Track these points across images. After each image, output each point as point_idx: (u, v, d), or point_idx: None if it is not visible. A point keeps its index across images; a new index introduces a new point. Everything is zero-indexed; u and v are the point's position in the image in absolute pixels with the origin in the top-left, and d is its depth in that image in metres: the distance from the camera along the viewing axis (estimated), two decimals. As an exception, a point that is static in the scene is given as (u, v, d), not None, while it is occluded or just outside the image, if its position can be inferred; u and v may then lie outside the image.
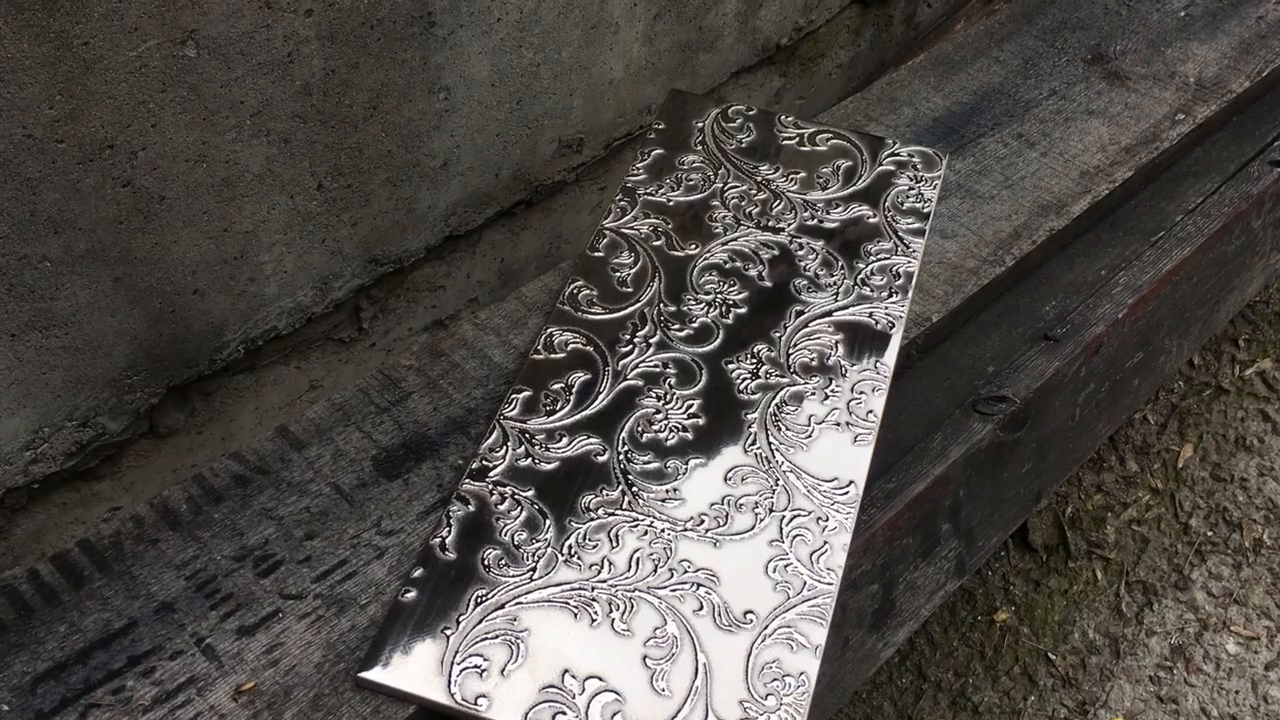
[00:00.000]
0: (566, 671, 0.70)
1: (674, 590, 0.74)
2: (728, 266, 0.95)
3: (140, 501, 0.80)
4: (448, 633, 0.71)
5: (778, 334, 0.90)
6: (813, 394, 0.87)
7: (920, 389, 0.93)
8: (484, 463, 0.80)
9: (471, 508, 0.78)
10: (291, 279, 1.13)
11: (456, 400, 0.86)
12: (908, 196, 1.02)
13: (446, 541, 0.76)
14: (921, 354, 0.96)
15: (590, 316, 0.91)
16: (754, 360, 0.88)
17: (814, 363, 0.89)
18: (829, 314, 0.92)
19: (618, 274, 0.94)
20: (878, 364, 0.89)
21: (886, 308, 0.93)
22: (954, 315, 0.96)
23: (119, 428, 1.10)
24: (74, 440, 1.07)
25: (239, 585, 0.74)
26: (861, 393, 0.87)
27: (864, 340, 0.90)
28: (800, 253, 0.97)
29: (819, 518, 0.79)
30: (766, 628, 0.73)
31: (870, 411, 0.86)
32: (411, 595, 0.73)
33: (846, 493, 0.81)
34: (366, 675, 0.70)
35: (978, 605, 1.49)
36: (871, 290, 0.94)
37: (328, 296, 1.19)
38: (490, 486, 0.79)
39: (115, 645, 0.71)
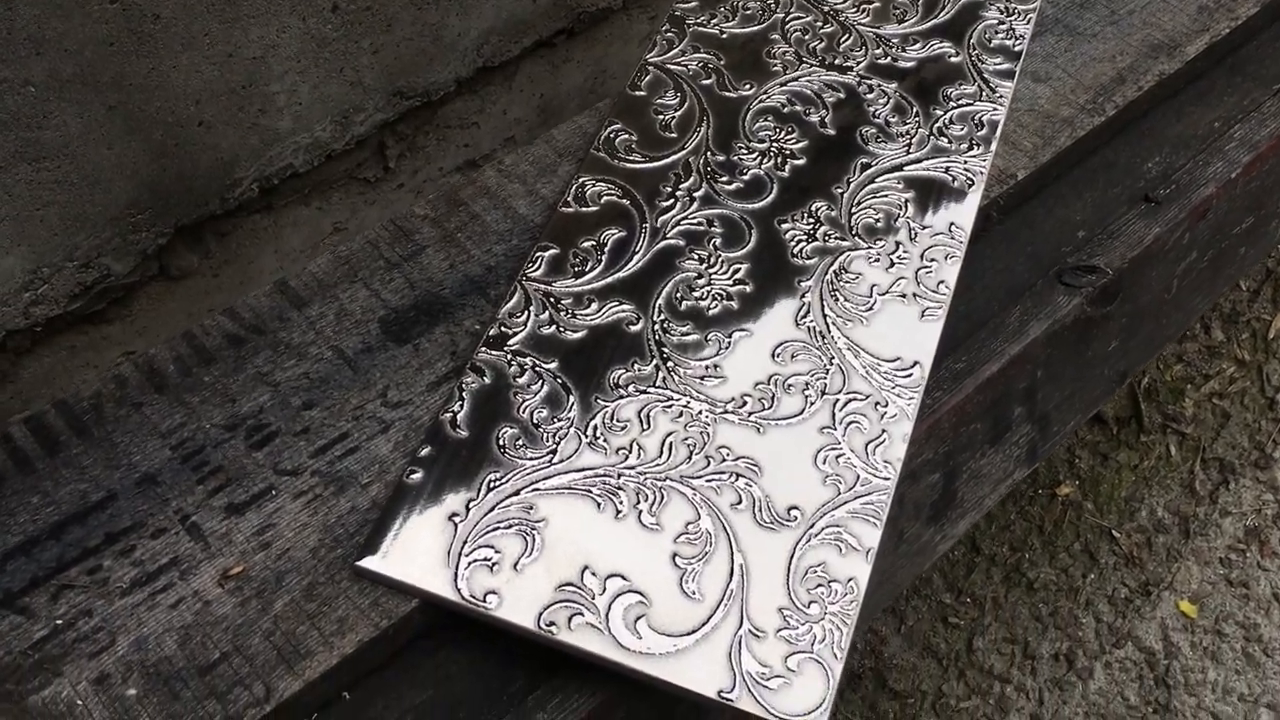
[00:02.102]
0: (586, 568, 0.63)
1: (710, 480, 0.66)
2: (786, 111, 0.84)
3: (156, 346, 0.72)
4: (456, 520, 0.64)
5: (840, 190, 0.80)
6: (876, 260, 0.76)
7: (999, 256, 0.83)
8: (502, 329, 0.72)
9: (487, 380, 0.70)
10: (307, 112, 1.03)
11: (475, 257, 0.77)
12: (996, 32, 0.89)
13: (458, 417, 0.68)
14: (1003, 216, 0.84)
15: (628, 165, 0.80)
16: (811, 220, 0.78)
17: (880, 224, 0.78)
18: (899, 168, 0.81)
19: (661, 117, 0.83)
20: (953, 227, 0.78)
21: (965, 162, 0.81)
22: (1042, 172, 0.85)
23: (125, 269, 1.03)
24: (76, 282, 1.00)
25: (229, 458, 0.67)
26: (932, 260, 0.76)
27: (938, 199, 0.80)
28: (870, 96, 0.85)
29: (877, 403, 0.70)
30: (812, 526, 0.65)
31: (941, 282, 0.75)
32: (418, 476, 0.66)
33: (910, 375, 0.71)
34: (365, 564, 0.63)
35: (1039, 478, 1.40)
36: (949, 141, 0.83)
37: (348, 132, 1.09)
38: (509, 356, 0.71)
39: (92, 520, 0.64)
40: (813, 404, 0.70)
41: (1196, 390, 1.46)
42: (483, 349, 0.71)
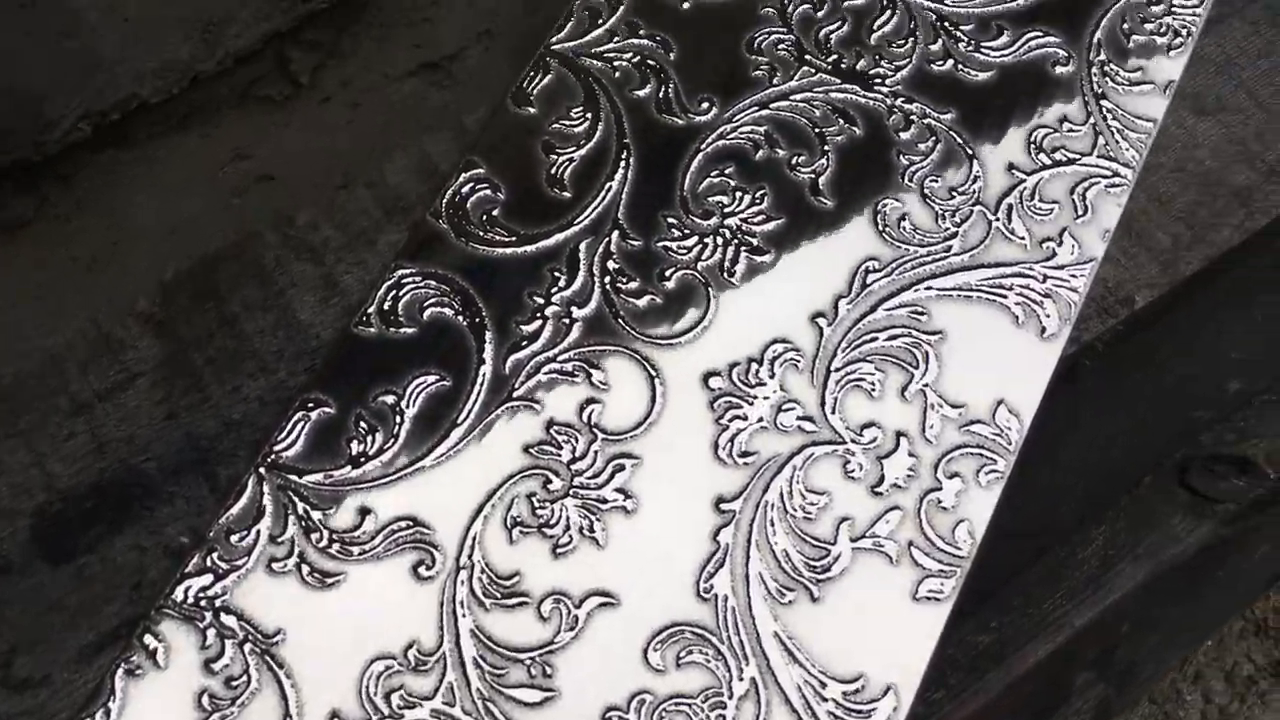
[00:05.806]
0: None
1: None
2: (758, 156, 0.51)
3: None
4: None
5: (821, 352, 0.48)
6: (853, 467, 0.45)
7: (1082, 434, 0.50)
8: (211, 559, 0.43)
9: (163, 664, 0.42)
10: (139, 30, 0.73)
11: (214, 399, 0.48)
12: (1145, 17, 0.53)
13: (100, 738, 0.41)
14: (1105, 357, 0.51)
15: (481, 248, 0.49)
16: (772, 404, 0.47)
17: (875, 392, 0.47)
18: (928, 279, 0.48)
19: (556, 155, 0.51)
20: (1003, 409, 0.46)
21: (1065, 277, 0.48)
22: (1188, 285, 0.51)
23: (-88, 231, 0.76)
24: None
25: None
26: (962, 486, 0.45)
27: (991, 339, 0.47)
28: (891, 122, 0.51)
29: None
30: None
31: (965, 522, 0.44)
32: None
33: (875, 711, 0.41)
34: None
35: None
36: (1019, 240, 0.49)
37: (217, 50, 0.79)
38: (206, 621, 0.42)
39: None
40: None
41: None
42: (168, 600, 0.43)
